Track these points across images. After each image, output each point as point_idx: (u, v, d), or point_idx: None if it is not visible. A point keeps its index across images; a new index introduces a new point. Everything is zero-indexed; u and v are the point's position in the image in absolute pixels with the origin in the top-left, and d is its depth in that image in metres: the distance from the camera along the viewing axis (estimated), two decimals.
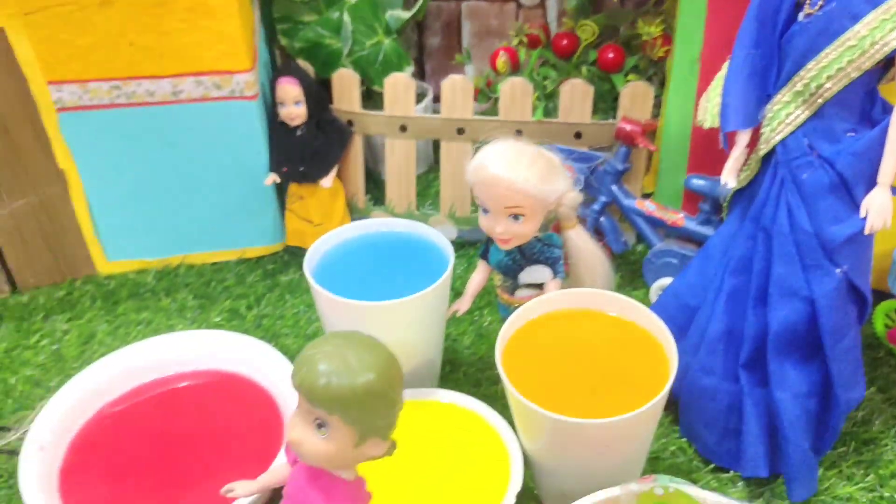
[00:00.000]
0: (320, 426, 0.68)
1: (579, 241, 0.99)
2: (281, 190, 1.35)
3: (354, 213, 1.39)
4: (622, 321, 0.93)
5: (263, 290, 1.32)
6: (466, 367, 1.15)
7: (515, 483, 0.87)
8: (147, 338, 1.11)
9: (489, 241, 1.01)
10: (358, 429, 0.68)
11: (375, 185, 1.48)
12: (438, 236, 1.04)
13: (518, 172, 0.89)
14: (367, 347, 0.69)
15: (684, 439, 1.03)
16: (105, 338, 1.23)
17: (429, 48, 1.64)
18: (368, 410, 0.67)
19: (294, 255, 1.39)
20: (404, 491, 0.88)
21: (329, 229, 1.32)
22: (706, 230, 1.16)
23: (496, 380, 1.10)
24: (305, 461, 0.72)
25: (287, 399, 1.00)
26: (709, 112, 0.98)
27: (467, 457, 0.91)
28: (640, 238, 1.27)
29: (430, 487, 0.89)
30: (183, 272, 1.36)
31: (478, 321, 1.23)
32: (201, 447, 0.99)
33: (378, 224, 1.10)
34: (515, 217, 0.92)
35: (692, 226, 1.18)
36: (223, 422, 1.01)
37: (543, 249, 0.97)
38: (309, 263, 1.01)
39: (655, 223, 1.20)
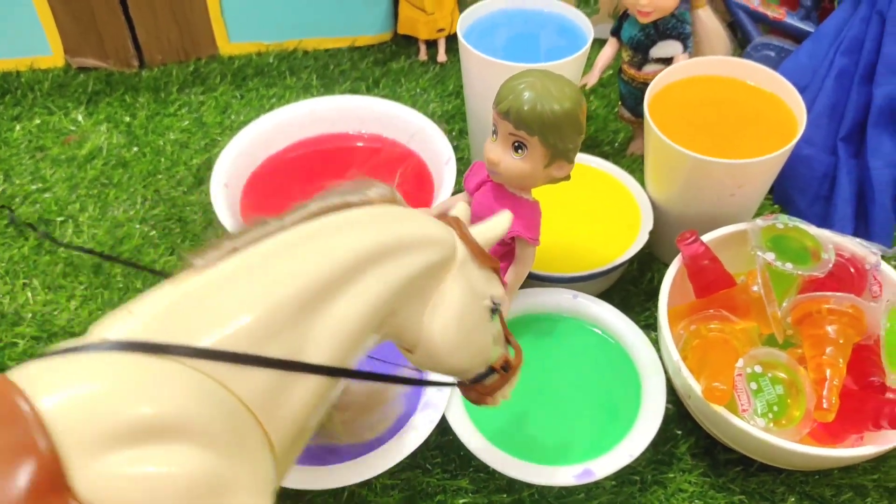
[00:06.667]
0: (518, 148, 0.81)
1: (707, 20, 1.09)
2: None
3: (462, 5, 1.46)
4: (757, 89, 1.03)
5: (379, 74, 1.41)
6: None
7: (646, 223, 1.02)
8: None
9: (622, 18, 1.11)
10: (551, 150, 0.80)
11: None
12: (581, 17, 1.11)
13: None
14: (563, 81, 0.80)
15: None
16: (241, 108, 1.34)
17: None
18: (563, 134, 0.79)
19: (401, 45, 1.47)
20: (557, 229, 1.02)
21: (440, 18, 1.42)
22: (806, 25, 1.26)
23: (607, 151, 1.23)
24: (499, 179, 0.85)
25: (426, 157, 1.13)
26: None
27: (603, 205, 1.06)
28: (738, 31, 1.36)
29: (577, 229, 1.03)
30: (300, 56, 1.45)
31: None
32: None
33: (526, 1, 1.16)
34: None
35: (793, 21, 1.27)
36: (374, 174, 1.14)
37: (677, 25, 1.07)
38: (460, 28, 1.09)
39: (757, 18, 1.29)
